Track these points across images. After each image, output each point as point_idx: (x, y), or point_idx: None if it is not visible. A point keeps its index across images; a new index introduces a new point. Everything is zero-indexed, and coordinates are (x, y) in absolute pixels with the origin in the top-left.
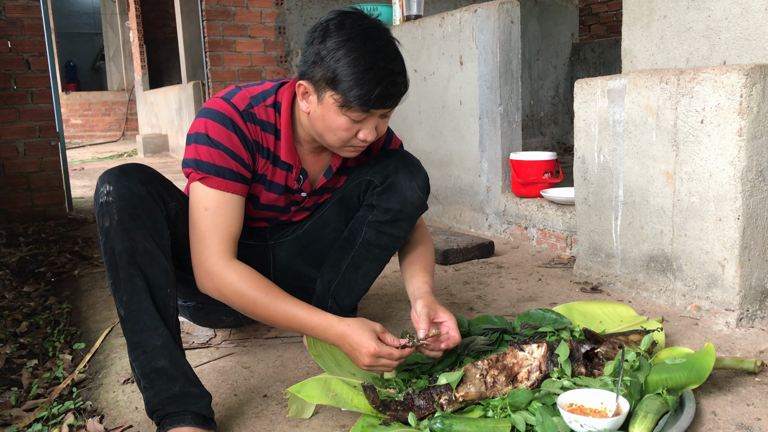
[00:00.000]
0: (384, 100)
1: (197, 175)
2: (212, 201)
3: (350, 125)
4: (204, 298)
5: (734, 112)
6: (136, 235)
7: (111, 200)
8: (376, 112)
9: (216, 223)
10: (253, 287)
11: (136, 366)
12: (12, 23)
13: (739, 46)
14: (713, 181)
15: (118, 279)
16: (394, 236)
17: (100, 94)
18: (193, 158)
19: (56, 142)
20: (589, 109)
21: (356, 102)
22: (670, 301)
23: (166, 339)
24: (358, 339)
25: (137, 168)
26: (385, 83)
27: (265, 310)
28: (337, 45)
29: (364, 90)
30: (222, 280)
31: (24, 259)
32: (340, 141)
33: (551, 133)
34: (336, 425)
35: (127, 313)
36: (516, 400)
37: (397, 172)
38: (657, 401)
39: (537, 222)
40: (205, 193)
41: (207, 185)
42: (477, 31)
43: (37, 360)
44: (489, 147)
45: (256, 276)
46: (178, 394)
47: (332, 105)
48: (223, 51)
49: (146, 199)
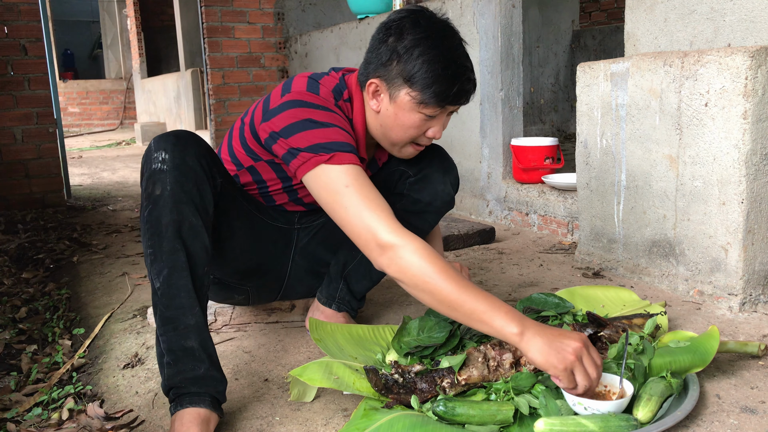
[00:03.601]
0: (459, 97)
1: (321, 158)
2: (350, 176)
3: (422, 123)
4: (224, 275)
5: (739, 95)
6: (185, 209)
7: (166, 168)
8: (449, 109)
9: (367, 195)
10: (437, 269)
11: (163, 341)
12: (9, 8)
13: (743, 28)
14: (717, 165)
15: (161, 250)
16: (418, 228)
17: (98, 82)
18: (309, 144)
19: (54, 129)
20: (592, 93)
21: (434, 99)
22: (672, 286)
23: (199, 319)
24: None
25: (193, 139)
26: (462, 80)
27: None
28: (414, 43)
29: (443, 87)
30: (400, 254)
31: (23, 246)
32: (407, 138)
33: (551, 121)
34: (338, 408)
35: (165, 288)
36: (519, 384)
37: (432, 165)
38: (661, 384)
39: (538, 208)
40: (338, 172)
41: (337, 163)
42: (478, 15)
43: (37, 345)
44: (490, 133)
45: (436, 256)
46: (202, 375)
47: (408, 102)
48: (221, 37)
49: (199, 173)
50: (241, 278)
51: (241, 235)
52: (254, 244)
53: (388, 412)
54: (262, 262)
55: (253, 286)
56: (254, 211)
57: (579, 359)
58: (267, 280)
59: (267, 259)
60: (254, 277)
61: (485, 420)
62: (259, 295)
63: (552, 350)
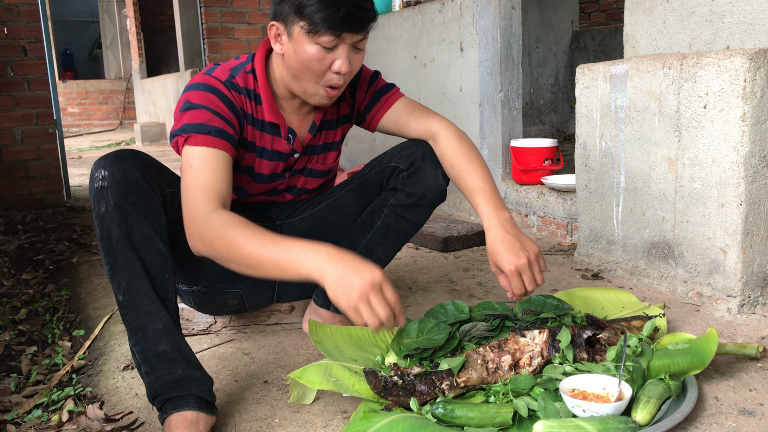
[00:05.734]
0: (350, 22)
1: (182, 138)
2: (197, 158)
3: (323, 54)
4: (209, 282)
5: (738, 97)
6: (133, 220)
7: (107, 185)
8: (347, 38)
9: (201, 178)
10: (239, 235)
11: (136, 351)
12: (8, 9)
13: (742, 30)
14: (716, 167)
15: (116, 264)
16: (412, 222)
17: (98, 82)
18: (178, 126)
19: (53, 130)
20: (591, 94)
21: (323, 24)
22: (671, 288)
23: (167, 323)
24: (362, 261)
25: (132, 153)
26: (349, 4)
27: (246, 247)
28: None
29: (330, 11)
30: (206, 226)
31: (22, 247)
32: (314, 76)
33: (551, 121)
34: (337, 411)
35: (126, 298)
36: (518, 386)
37: (423, 159)
38: (659, 386)
39: (537, 209)
40: (190, 153)
41: (192, 144)
42: (478, 16)
43: (37, 347)
44: (489, 134)
45: (241, 219)
46: (180, 378)
47: (302, 34)
48: (221, 38)
49: (142, 183)
50: (228, 281)
51: None
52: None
53: (388, 414)
54: None
55: (243, 287)
56: None
57: (364, 298)
58: (257, 278)
59: None
60: (242, 277)
61: (484, 422)
62: (254, 297)
63: (340, 288)
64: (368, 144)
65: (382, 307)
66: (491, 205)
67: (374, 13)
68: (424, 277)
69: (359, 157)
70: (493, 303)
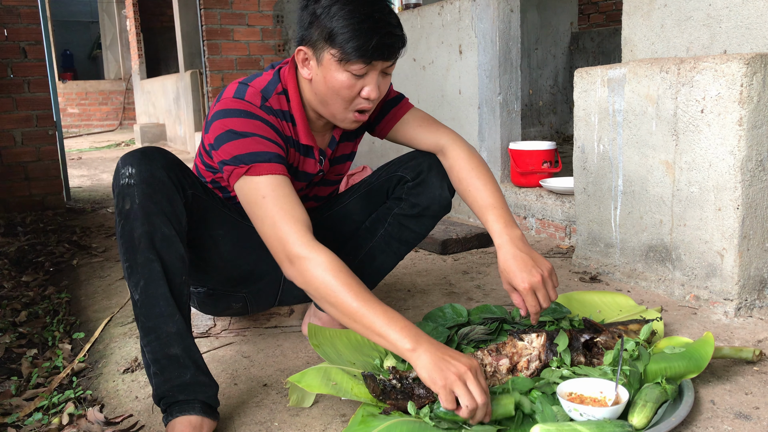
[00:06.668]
0: (382, 51)
1: (240, 169)
2: (267, 187)
3: (352, 82)
4: (216, 285)
5: (734, 102)
6: (156, 220)
7: (133, 183)
8: (377, 65)
9: (282, 206)
10: (340, 283)
11: (147, 351)
12: (8, 11)
13: (740, 35)
14: (713, 171)
15: (136, 263)
16: (416, 233)
17: (97, 83)
18: (231, 156)
19: (53, 131)
20: (589, 98)
21: (355, 53)
22: (668, 291)
23: (180, 326)
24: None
25: (159, 152)
26: (382, 33)
27: (346, 300)
28: (331, 1)
29: (361, 40)
30: (309, 263)
31: (22, 249)
32: (344, 102)
33: (550, 123)
34: (336, 414)
35: (143, 298)
36: (517, 388)
37: (430, 170)
38: (656, 390)
39: (536, 212)
40: (255, 184)
41: (254, 174)
42: (476, 19)
43: (37, 349)
44: (488, 136)
45: (341, 270)
46: (188, 382)
47: (332, 62)
48: (221, 40)
49: (167, 184)
50: (235, 285)
51: (226, 243)
52: (243, 251)
53: (386, 418)
54: (255, 268)
55: (248, 292)
56: (237, 218)
57: (461, 380)
58: (262, 284)
59: (260, 264)
60: (248, 283)
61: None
62: (257, 301)
63: (436, 368)
64: (367, 146)
65: (479, 392)
66: (502, 222)
67: (404, 39)
68: (422, 279)
69: (358, 158)
70: (491, 306)
